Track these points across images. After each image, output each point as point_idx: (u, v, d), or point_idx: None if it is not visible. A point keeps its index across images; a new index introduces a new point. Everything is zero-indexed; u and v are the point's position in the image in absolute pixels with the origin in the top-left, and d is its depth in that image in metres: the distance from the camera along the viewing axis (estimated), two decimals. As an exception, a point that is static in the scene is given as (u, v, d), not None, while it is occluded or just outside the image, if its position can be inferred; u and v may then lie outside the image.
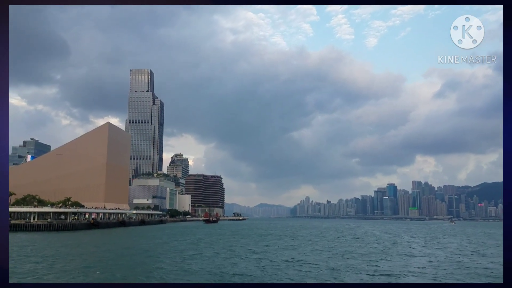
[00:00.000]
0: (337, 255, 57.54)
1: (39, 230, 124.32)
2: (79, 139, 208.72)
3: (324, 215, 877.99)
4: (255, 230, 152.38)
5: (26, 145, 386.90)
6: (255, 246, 74.19)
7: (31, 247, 70.63)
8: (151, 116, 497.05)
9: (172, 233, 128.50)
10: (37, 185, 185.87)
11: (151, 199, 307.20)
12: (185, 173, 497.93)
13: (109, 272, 40.25)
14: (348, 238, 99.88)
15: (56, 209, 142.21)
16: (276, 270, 40.39)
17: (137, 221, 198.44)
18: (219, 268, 40.44)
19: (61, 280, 29.05)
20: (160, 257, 54.21)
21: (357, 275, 37.20)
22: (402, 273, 39.16)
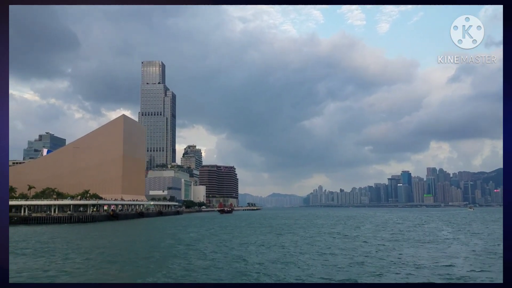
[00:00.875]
0: (397, 245, 54.11)
1: (60, 223, 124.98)
2: (95, 132, 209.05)
3: (338, 204, 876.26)
4: (275, 220, 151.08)
5: (42, 139, 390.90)
6: (299, 236, 72.49)
7: (62, 239, 70.33)
8: (163, 108, 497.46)
9: (196, 223, 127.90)
10: (55, 178, 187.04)
11: (167, 190, 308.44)
12: (199, 164, 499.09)
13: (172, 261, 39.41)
14: (383, 228, 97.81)
15: (76, 202, 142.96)
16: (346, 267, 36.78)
17: (154, 212, 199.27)
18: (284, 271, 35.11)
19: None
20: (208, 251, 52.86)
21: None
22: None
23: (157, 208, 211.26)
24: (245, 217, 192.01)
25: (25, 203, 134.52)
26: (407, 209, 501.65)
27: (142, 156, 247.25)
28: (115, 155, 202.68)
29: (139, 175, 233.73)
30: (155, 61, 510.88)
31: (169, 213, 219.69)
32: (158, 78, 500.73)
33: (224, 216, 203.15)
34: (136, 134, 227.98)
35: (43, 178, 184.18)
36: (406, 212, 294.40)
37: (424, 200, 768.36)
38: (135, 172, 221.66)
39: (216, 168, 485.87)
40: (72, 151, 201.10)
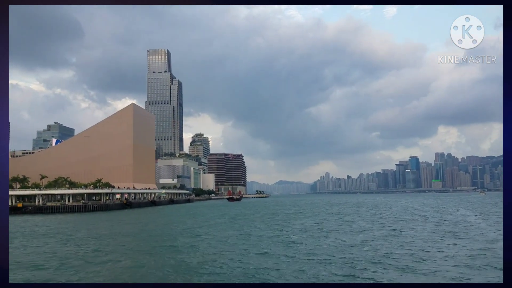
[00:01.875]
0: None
1: (75, 211, 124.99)
2: (106, 121, 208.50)
3: (345, 190, 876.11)
4: (285, 208, 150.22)
5: (51, 129, 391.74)
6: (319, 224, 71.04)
7: (85, 227, 69.79)
8: (170, 97, 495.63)
9: (216, 214, 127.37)
10: (66, 168, 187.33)
11: (176, 178, 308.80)
12: (206, 153, 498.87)
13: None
14: (409, 215, 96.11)
15: (90, 190, 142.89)
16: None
17: (166, 200, 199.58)
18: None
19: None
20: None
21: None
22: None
23: (168, 196, 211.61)
24: (256, 205, 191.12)
25: (39, 193, 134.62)
26: (416, 194, 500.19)
27: (152, 145, 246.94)
28: (126, 144, 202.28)
29: (149, 163, 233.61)
30: (161, 49, 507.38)
31: (180, 201, 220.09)
32: (164, 67, 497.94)
33: (234, 204, 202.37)
34: (145, 122, 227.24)
35: (55, 168, 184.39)
36: (418, 197, 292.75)
37: (432, 185, 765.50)
38: (145, 161, 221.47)
39: (224, 156, 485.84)
40: (83, 140, 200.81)
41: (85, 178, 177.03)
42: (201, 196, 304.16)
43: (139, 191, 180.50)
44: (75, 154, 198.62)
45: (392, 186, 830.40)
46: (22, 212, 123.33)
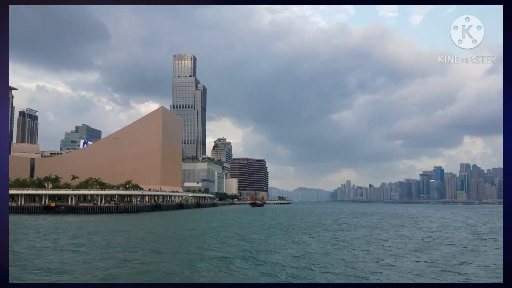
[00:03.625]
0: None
1: (107, 212, 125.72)
2: (136, 124, 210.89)
3: (367, 199, 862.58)
4: (320, 217, 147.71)
5: (78, 131, 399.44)
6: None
7: (133, 230, 69.65)
8: (194, 101, 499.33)
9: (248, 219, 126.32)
10: (96, 168, 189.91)
11: (201, 182, 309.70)
12: (229, 157, 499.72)
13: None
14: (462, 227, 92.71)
15: (122, 192, 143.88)
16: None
17: (193, 203, 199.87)
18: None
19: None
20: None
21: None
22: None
23: (194, 200, 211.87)
24: (283, 212, 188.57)
25: (73, 193, 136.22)
26: (442, 206, 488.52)
27: (179, 148, 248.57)
28: (154, 147, 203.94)
29: (176, 166, 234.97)
30: (186, 54, 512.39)
31: (206, 205, 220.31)
32: (189, 71, 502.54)
33: (259, 210, 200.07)
34: (173, 126, 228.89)
35: (85, 168, 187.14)
36: (446, 209, 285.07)
37: (457, 197, 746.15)
38: (172, 164, 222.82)
39: (247, 161, 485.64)
40: (113, 142, 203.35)
41: (114, 179, 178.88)
42: (225, 200, 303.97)
43: (169, 193, 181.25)
44: (105, 156, 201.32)
45: (415, 197, 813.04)
46: (54, 212, 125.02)
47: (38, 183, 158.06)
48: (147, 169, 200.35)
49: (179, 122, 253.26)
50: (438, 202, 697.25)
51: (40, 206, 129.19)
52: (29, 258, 36.86)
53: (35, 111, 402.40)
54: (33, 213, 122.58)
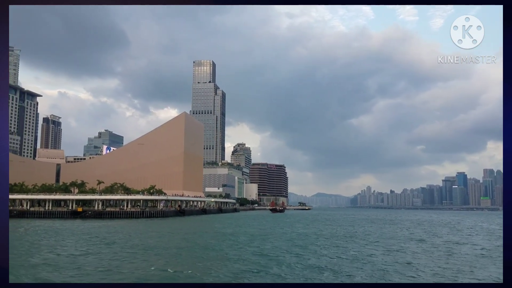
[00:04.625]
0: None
1: (133, 217, 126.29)
2: (159, 129, 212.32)
3: (388, 205, 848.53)
4: (353, 222, 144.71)
5: (101, 136, 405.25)
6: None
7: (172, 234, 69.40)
8: (214, 107, 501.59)
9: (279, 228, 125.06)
10: (120, 174, 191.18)
11: (222, 187, 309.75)
12: (248, 162, 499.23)
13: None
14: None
15: (148, 197, 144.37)
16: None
17: (215, 209, 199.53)
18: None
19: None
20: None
21: None
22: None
23: (217, 205, 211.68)
24: (305, 218, 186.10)
25: (99, 198, 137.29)
26: (466, 212, 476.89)
27: (200, 153, 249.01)
28: (177, 152, 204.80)
29: (198, 171, 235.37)
30: (206, 60, 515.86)
31: (228, 210, 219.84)
32: (209, 77, 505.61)
33: (281, 216, 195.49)
34: (195, 131, 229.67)
35: (109, 173, 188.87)
36: (474, 215, 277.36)
37: (481, 203, 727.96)
38: (194, 169, 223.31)
39: (267, 166, 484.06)
40: (137, 147, 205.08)
41: (138, 184, 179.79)
42: (245, 205, 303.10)
43: (192, 199, 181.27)
44: (129, 161, 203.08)
45: (438, 203, 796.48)
46: (81, 217, 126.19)
47: (65, 188, 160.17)
48: (170, 174, 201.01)
49: (200, 128, 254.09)
50: (461, 209, 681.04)
51: (67, 211, 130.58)
52: (122, 263, 37.54)
53: (58, 117, 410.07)
54: (61, 217, 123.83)
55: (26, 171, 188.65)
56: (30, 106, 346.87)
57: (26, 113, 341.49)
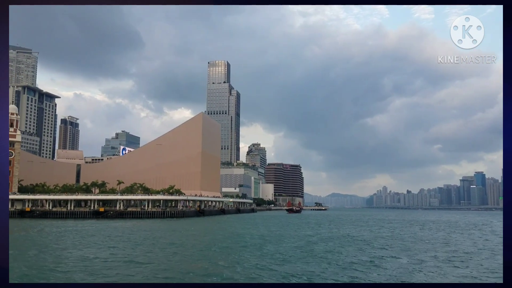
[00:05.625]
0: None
1: (154, 217, 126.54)
2: (176, 130, 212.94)
3: (405, 205, 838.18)
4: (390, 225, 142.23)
5: (118, 137, 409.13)
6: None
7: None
8: (228, 107, 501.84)
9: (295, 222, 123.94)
10: (139, 174, 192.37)
11: (238, 188, 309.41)
12: (263, 163, 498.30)
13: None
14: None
15: (168, 197, 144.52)
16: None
17: (233, 209, 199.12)
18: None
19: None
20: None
21: None
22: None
23: (235, 205, 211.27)
24: (325, 219, 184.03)
25: (121, 198, 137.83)
26: (485, 212, 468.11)
27: (217, 153, 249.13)
28: (195, 152, 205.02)
29: (215, 171, 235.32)
30: (220, 61, 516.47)
31: (245, 210, 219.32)
32: (224, 78, 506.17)
33: (298, 216, 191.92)
34: (212, 131, 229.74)
35: (127, 174, 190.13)
36: (497, 215, 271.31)
37: (499, 203, 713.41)
38: (211, 169, 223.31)
39: (282, 166, 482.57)
40: (155, 148, 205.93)
41: (156, 185, 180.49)
42: (262, 206, 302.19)
43: (211, 199, 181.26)
44: (147, 161, 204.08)
45: (455, 203, 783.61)
46: (103, 217, 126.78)
47: (86, 188, 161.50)
48: (188, 174, 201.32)
49: (217, 128, 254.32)
50: (480, 209, 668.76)
51: (89, 211, 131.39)
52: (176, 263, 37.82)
53: (76, 119, 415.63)
54: (83, 218, 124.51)
55: (47, 172, 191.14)
56: (49, 108, 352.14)
57: (45, 115, 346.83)
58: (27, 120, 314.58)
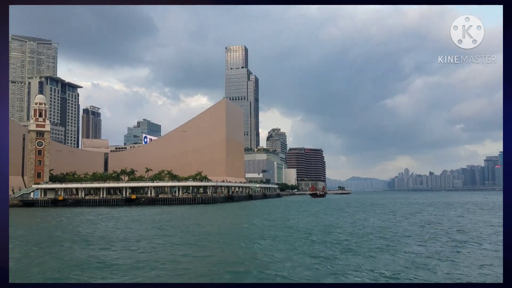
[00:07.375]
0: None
1: (185, 204, 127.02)
2: (200, 116, 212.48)
3: (427, 187, 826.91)
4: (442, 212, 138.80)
5: (140, 125, 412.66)
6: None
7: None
8: (247, 92, 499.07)
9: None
10: (164, 161, 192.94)
11: (262, 173, 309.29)
12: (283, 148, 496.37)
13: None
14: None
15: (200, 183, 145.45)
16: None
17: (260, 194, 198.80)
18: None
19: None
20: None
21: None
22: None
23: (261, 190, 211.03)
24: (355, 203, 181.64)
25: (152, 185, 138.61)
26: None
27: (241, 139, 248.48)
28: (219, 138, 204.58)
29: (239, 157, 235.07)
30: (238, 46, 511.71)
31: (272, 195, 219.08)
32: (242, 63, 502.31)
33: (322, 200, 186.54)
34: (236, 117, 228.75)
35: (154, 161, 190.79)
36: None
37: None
38: (235, 155, 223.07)
39: (304, 151, 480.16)
40: (179, 135, 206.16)
41: (182, 171, 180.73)
42: (285, 191, 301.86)
43: (239, 184, 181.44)
44: (173, 148, 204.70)
45: (480, 184, 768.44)
46: (135, 204, 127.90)
47: (116, 177, 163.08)
48: (213, 160, 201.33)
49: (240, 113, 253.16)
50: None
51: (121, 199, 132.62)
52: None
53: (97, 108, 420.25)
54: (116, 205, 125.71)
55: (76, 161, 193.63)
56: (72, 98, 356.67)
57: (68, 105, 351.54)
58: (51, 110, 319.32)
